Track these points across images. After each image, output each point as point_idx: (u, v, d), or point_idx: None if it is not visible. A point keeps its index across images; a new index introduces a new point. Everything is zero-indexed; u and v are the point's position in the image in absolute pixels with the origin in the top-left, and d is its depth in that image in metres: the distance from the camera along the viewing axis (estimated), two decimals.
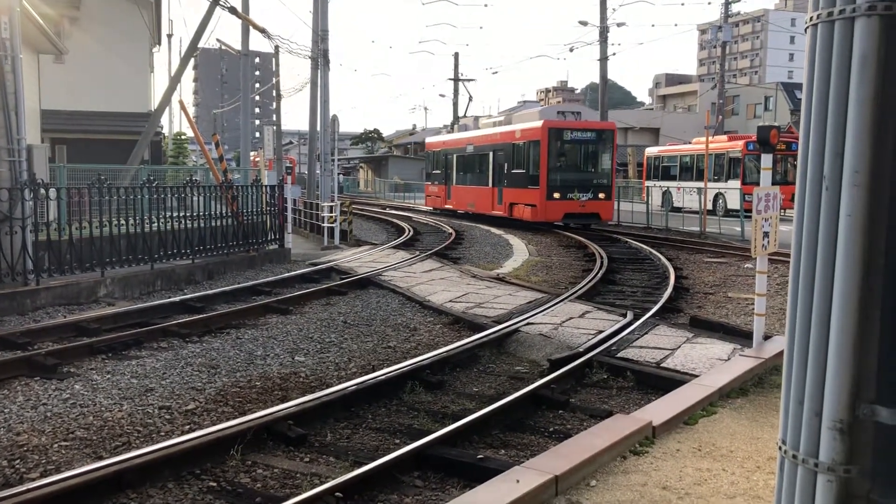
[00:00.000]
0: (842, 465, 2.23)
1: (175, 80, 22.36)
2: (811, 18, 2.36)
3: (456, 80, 46.72)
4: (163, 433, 6.09)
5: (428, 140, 38.58)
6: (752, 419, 5.52)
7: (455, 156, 32.58)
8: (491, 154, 28.59)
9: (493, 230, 25.66)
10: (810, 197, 2.36)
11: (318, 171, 28.57)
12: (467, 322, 10.33)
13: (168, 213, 14.23)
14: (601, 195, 25.09)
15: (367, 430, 6.34)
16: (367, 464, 5.16)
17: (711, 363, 7.61)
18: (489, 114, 39.24)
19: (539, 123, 25.08)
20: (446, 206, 33.52)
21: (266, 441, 5.87)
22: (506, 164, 27.19)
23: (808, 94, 2.38)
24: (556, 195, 24.51)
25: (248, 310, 11.04)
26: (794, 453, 2.41)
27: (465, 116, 35.94)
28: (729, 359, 7.60)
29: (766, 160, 7.05)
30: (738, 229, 22.23)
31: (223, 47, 33.84)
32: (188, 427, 6.22)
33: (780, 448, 2.50)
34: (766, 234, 6.89)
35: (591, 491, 4.23)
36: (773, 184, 7.31)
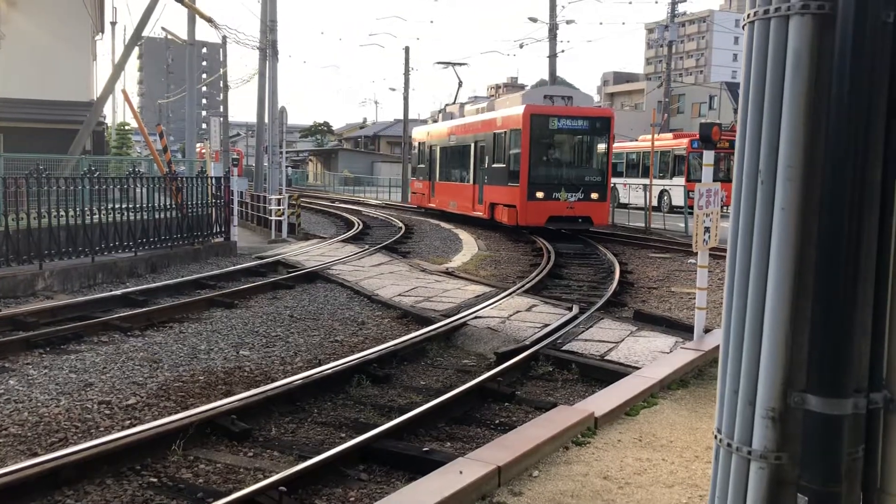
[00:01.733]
0: (773, 452, 2.29)
1: (118, 69, 21.86)
2: (748, 16, 2.40)
3: (406, 73, 46.56)
4: (102, 429, 5.95)
5: (414, 131, 34.96)
6: (691, 410, 5.64)
7: (438, 148, 28.65)
8: (472, 146, 24.64)
9: (443, 224, 25.68)
10: (746, 191, 2.41)
11: (265, 164, 28.22)
12: (416, 316, 10.32)
13: (110, 205, 13.90)
14: (594, 195, 21.03)
15: (313, 424, 6.29)
16: (311, 458, 5.12)
17: (654, 356, 7.74)
18: (476, 96, 33.04)
19: (520, 110, 20.95)
20: (430, 205, 29.75)
21: (209, 436, 5.78)
22: (487, 158, 23.26)
23: (745, 89, 2.43)
24: (540, 195, 20.49)
25: (191, 303, 10.86)
26: (729, 442, 2.46)
27: (453, 103, 31.14)
28: (671, 351, 7.75)
29: (708, 157, 7.19)
30: (683, 225, 22.66)
31: (169, 36, 33.14)
32: (129, 422, 6.09)
33: (715, 437, 2.56)
34: (707, 230, 7.03)
35: (533, 481, 4.27)
36: (716, 180, 7.45)
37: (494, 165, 22.61)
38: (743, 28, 2.48)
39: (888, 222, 2.24)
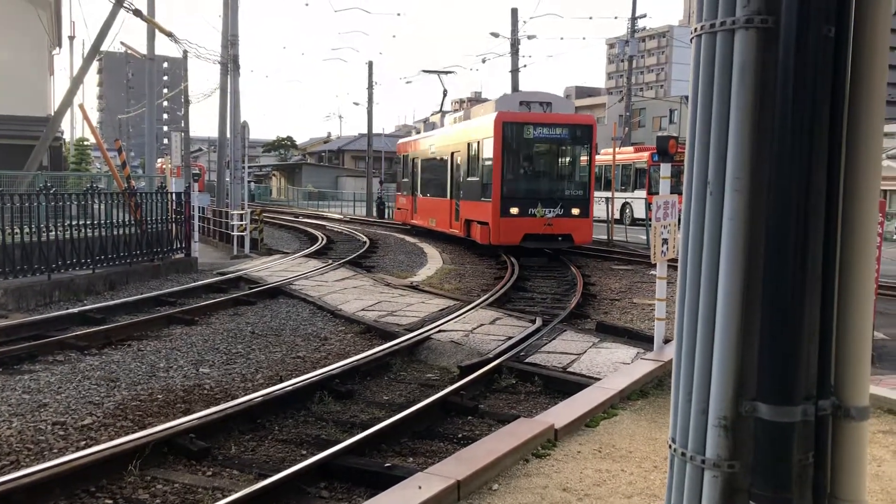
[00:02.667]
0: (726, 460, 2.31)
1: (76, 83, 21.55)
2: (696, 30, 2.44)
3: (370, 87, 46.58)
4: (56, 450, 5.81)
5: (399, 142, 32.58)
6: (651, 420, 5.68)
7: (420, 161, 26.72)
8: (450, 158, 22.86)
9: (408, 239, 25.65)
10: (696, 202, 2.44)
11: (227, 179, 27.97)
12: (379, 331, 10.27)
13: (68, 222, 13.65)
14: (575, 210, 18.97)
15: (274, 441, 6.21)
16: (271, 476, 5.05)
17: (615, 367, 7.79)
18: (442, 111, 29.14)
19: (492, 117, 19.02)
20: (413, 222, 27.65)
21: (167, 455, 5.68)
22: (462, 171, 21.54)
23: (694, 101, 2.47)
24: (514, 210, 18.48)
25: (151, 321, 10.69)
26: (683, 451, 2.48)
27: (438, 111, 29.05)
28: (632, 362, 7.80)
29: (665, 169, 7.28)
30: (644, 237, 22.90)
31: (128, 51, 32.79)
32: (84, 443, 5.96)
33: (670, 446, 2.57)
34: (665, 241, 7.11)
35: (493, 495, 4.26)
36: (674, 193, 7.54)
37: (469, 179, 20.83)
38: (691, 42, 2.52)
39: (833, 231, 2.28)
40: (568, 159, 19.99)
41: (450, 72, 31.65)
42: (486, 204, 19.16)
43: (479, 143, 20.06)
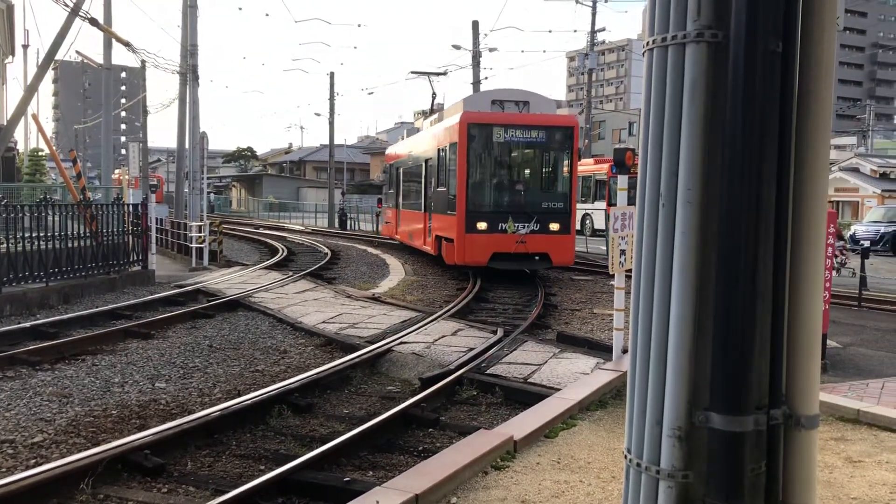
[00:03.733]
0: (680, 470, 2.32)
1: (29, 92, 21.13)
2: (647, 43, 2.47)
3: (332, 98, 46.44)
4: (3, 469, 5.65)
5: (387, 151, 29.74)
6: (609, 430, 5.71)
7: (401, 170, 24.50)
8: (423, 166, 20.47)
9: (370, 250, 25.56)
10: (649, 214, 2.46)
11: (186, 190, 27.63)
12: (340, 343, 10.19)
13: (21, 234, 13.35)
14: (553, 226, 16.40)
15: (231, 457, 6.12)
16: (228, 492, 4.97)
17: (575, 377, 7.83)
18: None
19: (457, 118, 16.73)
20: (396, 236, 25.15)
21: (120, 472, 5.55)
22: (432, 181, 19.26)
23: (646, 114, 2.49)
24: (482, 225, 16.10)
25: (106, 335, 10.47)
26: (639, 461, 2.48)
27: (431, 110, 26.29)
28: (591, 372, 7.85)
29: (622, 181, 7.36)
30: (604, 248, 23.11)
31: (85, 60, 32.29)
32: (34, 461, 5.80)
33: (625, 457, 2.58)
34: (622, 252, 7.17)
35: None
36: (631, 204, 7.62)
37: (438, 190, 18.40)
38: (643, 55, 2.55)
39: (783, 242, 2.32)
40: (546, 166, 17.50)
41: (440, 73, 29.72)
42: (451, 218, 16.71)
43: (445, 148, 17.63)
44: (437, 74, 28.89)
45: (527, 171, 17.58)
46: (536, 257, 16.40)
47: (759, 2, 2.15)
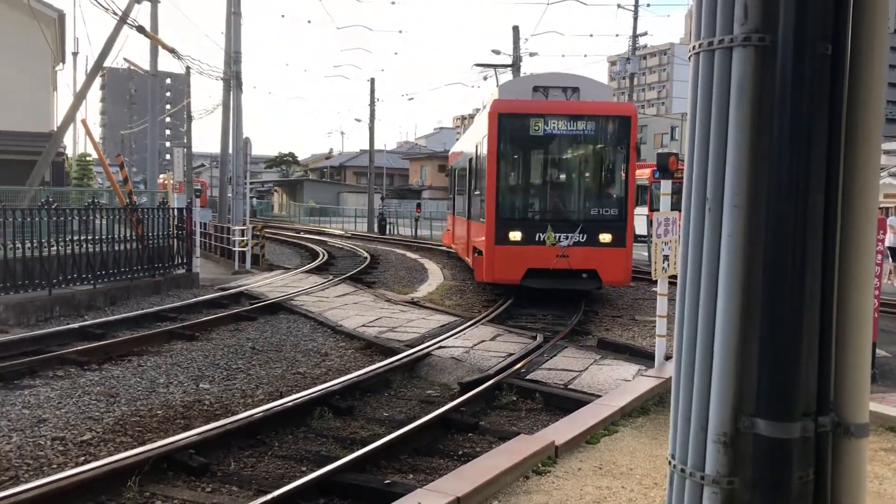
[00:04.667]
0: (725, 476, 2.30)
1: (79, 99, 21.64)
2: (693, 48, 2.46)
3: (372, 104, 46.76)
4: (55, 466, 5.80)
5: (450, 150, 26.96)
6: (651, 437, 5.66)
7: (456, 171, 21.97)
8: (467, 166, 17.96)
9: (409, 255, 25.65)
10: (695, 218, 2.45)
11: (229, 195, 28.04)
12: (379, 346, 10.26)
13: (69, 237, 13.68)
14: (604, 236, 13.52)
15: (273, 458, 6.19)
16: (270, 492, 5.03)
17: (616, 384, 7.77)
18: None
19: (488, 109, 14.24)
20: (453, 246, 22.23)
21: (166, 471, 5.66)
22: (472, 183, 16.81)
23: (693, 119, 2.48)
24: (515, 236, 13.47)
25: (151, 336, 10.68)
26: (683, 467, 2.47)
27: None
28: (633, 379, 7.78)
29: (666, 186, 7.31)
30: (646, 254, 22.90)
31: (132, 67, 32.97)
32: (83, 459, 5.94)
33: (669, 463, 2.57)
34: (665, 258, 7.11)
35: None
36: (674, 209, 7.56)
37: (475, 193, 16.20)
38: (689, 60, 2.54)
39: (832, 248, 2.29)
40: (595, 164, 14.54)
41: (508, 66, 27.81)
42: (482, 226, 14.18)
43: (479, 144, 15.41)
44: (505, 66, 27.43)
45: (571, 171, 14.59)
46: (584, 275, 13.46)
47: (807, 5, 2.13)
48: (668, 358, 7.61)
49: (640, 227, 30.48)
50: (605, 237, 13.52)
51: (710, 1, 2.36)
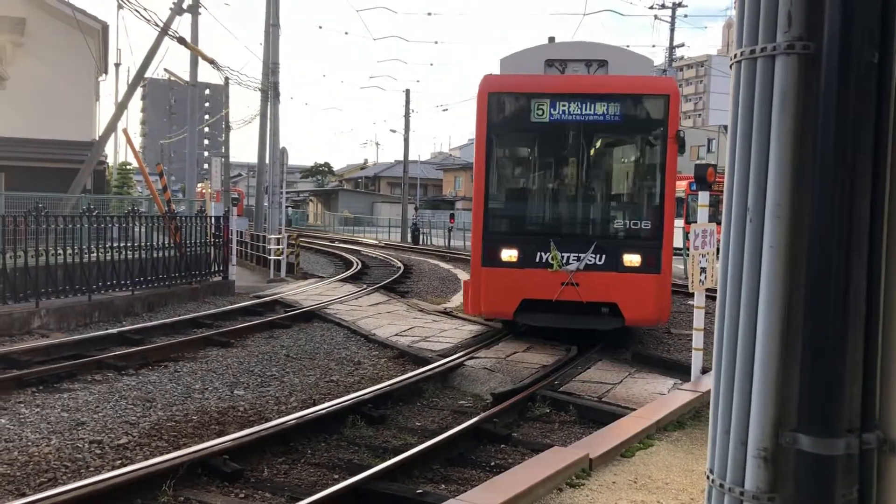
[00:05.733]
0: (766, 493, 2.25)
1: (120, 109, 22.05)
2: (735, 56, 2.43)
3: (407, 115, 46.99)
4: (92, 468, 5.88)
5: None
6: (688, 451, 5.58)
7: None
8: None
9: (442, 265, 25.68)
10: (735, 229, 2.42)
11: (266, 204, 28.33)
12: (412, 356, 10.26)
13: (109, 244, 13.92)
14: (630, 258, 10.34)
15: (306, 465, 6.22)
16: (302, 499, 5.05)
17: (651, 397, 7.68)
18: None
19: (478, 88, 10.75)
20: None
21: (200, 476, 5.71)
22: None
23: (734, 128, 2.45)
24: (509, 255, 10.52)
25: (187, 342, 10.80)
26: (721, 482, 2.43)
27: None
28: (668, 393, 7.69)
29: (703, 197, 7.22)
30: (682, 267, 22.66)
31: (172, 78, 33.54)
32: (119, 462, 6.02)
33: (707, 477, 2.52)
34: (703, 270, 7.02)
35: None
36: (712, 221, 7.47)
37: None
38: (730, 68, 2.51)
39: (878, 259, 2.24)
40: (619, 161, 11.53)
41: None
42: (473, 244, 11.07)
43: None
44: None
45: (587, 169, 10.95)
46: (605, 308, 10.33)
47: (854, 12, 2.09)
48: (704, 371, 7.51)
49: (676, 239, 30.30)
50: (632, 259, 10.19)
51: (753, 8, 2.34)
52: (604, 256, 10.28)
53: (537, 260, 10.34)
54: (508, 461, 6.29)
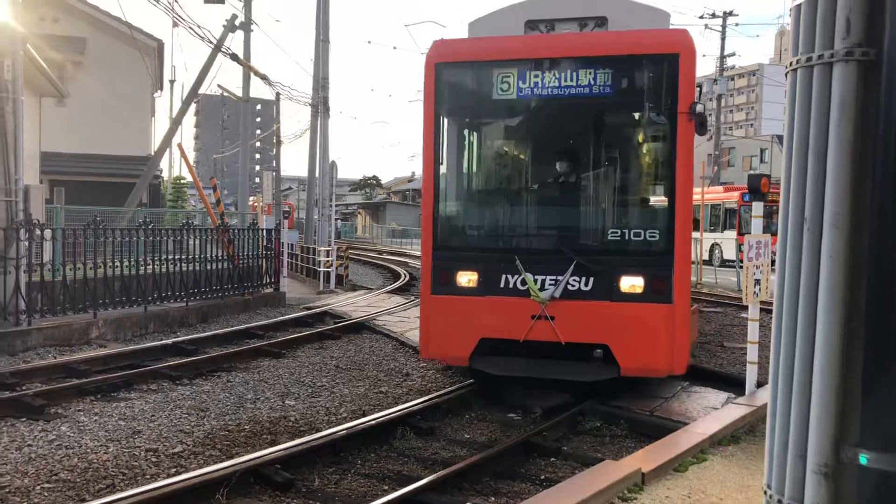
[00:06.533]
0: None
1: (175, 124, 22.58)
2: (791, 64, 2.40)
3: None
4: (148, 476, 6.00)
5: None
6: (743, 467, 5.46)
7: None
8: None
9: None
10: (792, 239, 2.37)
11: (315, 217, 28.67)
12: (460, 368, 10.23)
13: (164, 256, 14.24)
14: (629, 281, 7.52)
15: (356, 475, 6.25)
16: None
17: (705, 411, 7.55)
18: None
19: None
20: None
21: (252, 485, 5.78)
22: None
23: (789, 137, 2.41)
24: (465, 278, 8.02)
25: (240, 353, 10.97)
26: (780, 498, 2.38)
27: None
28: (722, 407, 7.55)
29: (757, 208, 7.09)
30: (735, 279, 22.27)
31: (224, 93, 34.22)
32: (174, 470, 6.13)
33: (765, 493, 2.47)
34: (757, 282, 6.89)
35: None
36: (765, 232, 7.33)
37: None
38: (785, 77, 2.47)
39: None
40: (612, 149, 8.50)
41: None
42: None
43: None
44: None
45: (568, 161, 8.33)
46: (597, 350, 7.62)
47: None
48: (759, 385, 7.35)
49: (728, 251, 29.79)
50: (632, 283, 7.47)
51: (809, 15, 2.31)
52: (591, 279, 7.52)
53: (502, 284, 7.76)
54: (559, 475, 6.24)
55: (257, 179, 70.32)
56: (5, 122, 11.44)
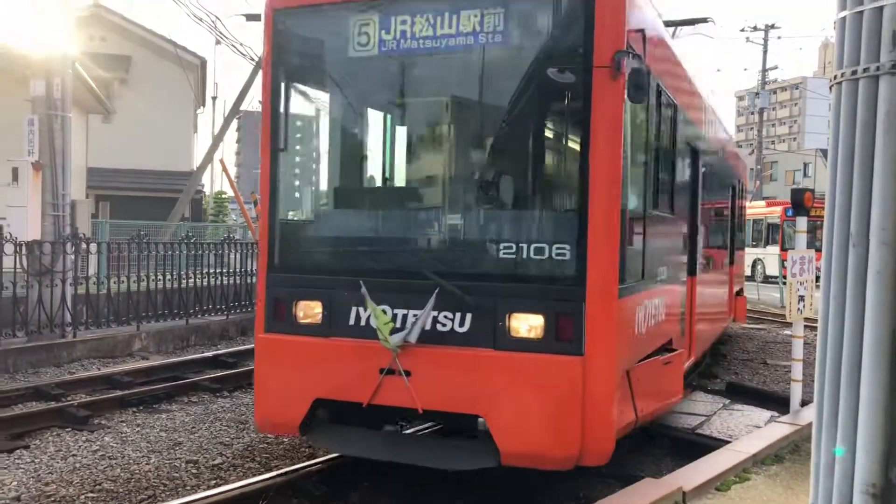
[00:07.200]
0: None
1: (217, 140, 22.96)
2: (835, 77, 2.37)
3: None
4: (189, 487, 6.07)
5: None
6: (787, 487, 5.35)
7: None
8: None
9: None
10: (837, 255, 2.33)
11: None
12: None
13: (205, 269, 14.44)
14: (519, 319, 5.07)
15: (391, 496, 6.23)
16: None
17: (748, 429, 7.42)
18: None
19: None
20: None
21: (290, 498, 5.81)
22: None
23: (834, 151, 2.38)
24: (305, 312, 5.68)
25: None
26: None
27: None
28: (765, 425, 7.41)
29: (801, 223, 6.98)
30: (777, 295, 21.90)
31: None
32: (214, 482, 6.19)
33: None
34: (801, 298, 6.77)
35: None
36: (810, 247, 7.21)
37: None
38: (829, 90, 2.44)
39: None
40: (503, 126, 5.74)
41: None
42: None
43: None
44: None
45: (449, 143, 5.99)
46: (479, 423, 5.28)
47: None
48: (804, 404, 7.21)
49: (770, 266, 29.28)
50: (523, 323, 5.15)
51: (854, 28, 2.28)
52: (468, 316, 5.20)
53: (352, 321, 5.51)
54: (597, 493, 6.16)
55: None
56: (54, 138, 11.74)
